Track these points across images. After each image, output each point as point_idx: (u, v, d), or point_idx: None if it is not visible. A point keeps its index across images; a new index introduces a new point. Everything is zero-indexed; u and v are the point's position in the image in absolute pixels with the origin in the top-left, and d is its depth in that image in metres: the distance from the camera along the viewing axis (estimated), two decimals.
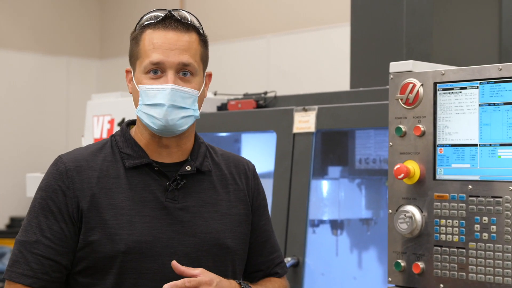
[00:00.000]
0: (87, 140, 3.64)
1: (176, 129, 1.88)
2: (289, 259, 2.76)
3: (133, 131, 1.96)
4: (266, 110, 3.06)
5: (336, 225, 3.15)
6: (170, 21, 1.90)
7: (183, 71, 1.89)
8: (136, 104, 1.91)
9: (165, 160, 1.93)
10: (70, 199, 1.84)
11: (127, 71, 1.96)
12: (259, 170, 3.35)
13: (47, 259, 1.83)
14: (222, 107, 3.32)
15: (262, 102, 3.18)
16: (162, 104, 1.86)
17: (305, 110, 2.83)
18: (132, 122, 2.00)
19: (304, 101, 3.00)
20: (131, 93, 1.95)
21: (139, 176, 1.89)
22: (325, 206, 3.13)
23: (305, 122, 2.82)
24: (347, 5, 3.15)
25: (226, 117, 3.19)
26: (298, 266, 2.77)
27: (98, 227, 1.83)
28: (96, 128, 3.61)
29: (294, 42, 5.75)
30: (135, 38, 1.92)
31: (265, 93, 3.22)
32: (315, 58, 5.54)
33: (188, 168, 1.92)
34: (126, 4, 7.34)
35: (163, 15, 1.91)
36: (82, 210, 1.83)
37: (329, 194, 3.15)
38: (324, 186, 3.14)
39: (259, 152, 3.31)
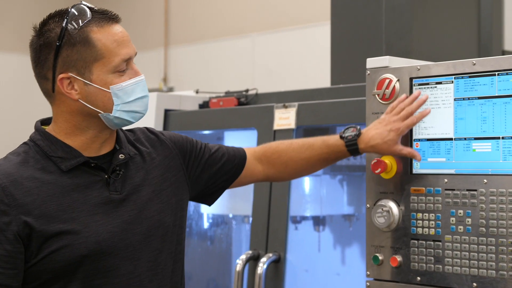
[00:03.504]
0: None
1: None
2: (270, 255, 2.78)
3: (52, 132, 1.88)
4: (247, 108, 3.07)
5: (318, 221, 3.16)
6: (106, 13, 1.86)
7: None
8: (104, 107, 1.83)
9: (95, 154, 1.89)
10: (13, 217, 1.73)
11: (66, 78, 1.82)
12: None
13: None
14: (204, 105, 3.33)
15: (244, 99, 3.20)
16: (145, 96, 1.88)
17: (285, 107, 2.85)
18: (42, 122, 1.93)
19: (285, 98, 3.01)
20: (77, 100, 1.83)
21: (78, 176, 1.83)
22: (307, 203, 3.14)
23: (285, 118, 2.84)
24: (329, 3, 3.16)
25: (207, 115, 3.20)
26: (279, 262, 2.78)
27: (53, 238, 1.76)
28: None
29: (279, 40, 5.76)
30: (82, 41, 1.80)
31: (247, 90, 3.24)
32: (299, 56, 5.55)
33: (121, 156, 1.90)
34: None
35: (89, 9, 1.84)
36: (30, 225, 1.74)
37: (311, 191, 3.17)
38: (306, 183, 3.16)
39: None
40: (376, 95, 2.21)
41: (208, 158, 2.13)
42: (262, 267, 2.75)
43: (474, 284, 2.01)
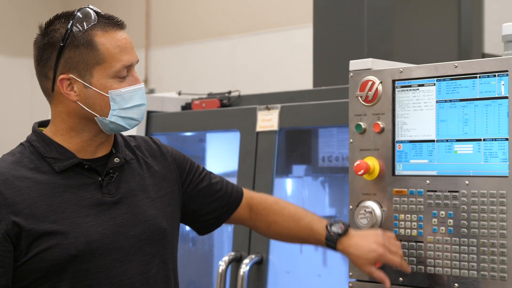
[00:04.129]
0: None
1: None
2: (253, 256, 2.79)
3: (49, 133, 1.90)
4: (230, 109, 3.08)
5: None
6: (112, 19, 1.89)
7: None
8: (101, 111, 1.85)
9: (91, 156, 1.90)
10: (3, 216, 1.75)
11: (66, 79, 1.84)
12: (223, 169, 3.39)
13: None
14: (187, 106, 3.34)
15: (226, 101, 3.20)
16: (142, 104, 1.90)
17: (268, 108, 2.86)
18: (40, 124, 1.95)
19: (267, 100, 3.03)
20: (75, 101, 1.85)
21: (70, 177, 1.85)
22: None
23: (268, 120, 2.85)
24: (310, 6, 3.18)
25: (190, 117, 3.20)
26: (262, 264, 2.79)
27: (43, 237, 1.77)
28: None
29: (260, 42, 5.77)
30: (86, 43, 1.83)
31: (229, 92, 3.24)
32: (280, 58, 5.57)
33: (116, 160, 1.92)
34: None
35: (95, 13, 1.87)
36: (19, 224, 1.76)
37: (293, 192, 3.18)
38: (288, 184, 3.17)
39: (223, 151, 3.34)
40: (359, 97, 2.23)
41: (206, 186, 2.14)
42: (244, 268, 2.76)
43: (456, 284, 2.03)
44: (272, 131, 2.84)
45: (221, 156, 3.47)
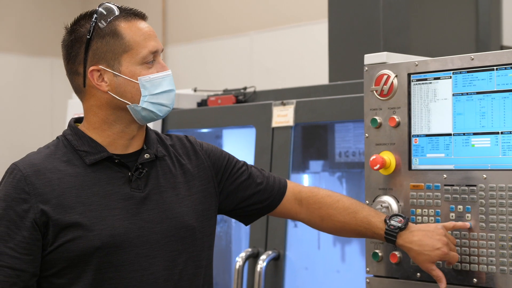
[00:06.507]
0: None
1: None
2: (270, 252, 2.78)
3: (83, 128, 1.95)
4: (245, 105, 3.06)
5: None
6: (133, 11, 1.94)
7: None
8: (132, 98, 1.89)
9: (122, 151, 1.93)
10: (33, 205, 1.81)
11: (96, 70, 1.89)
12: None
13: (13, 269, 1.80)
14: (202, 103, 3.33)
15: (242, 97, 3.19)
16: (171, 90, 1.95)
17: (283, 104, 2.84)
18: (77, 120, 2.00)
19: (283, 95, 3.01)
20: (106, 92, 1.89)
21: (100, 170, 1.89)
22: None
23: (283, 116, 2.83)
24: (326, 1, 3.16)
25: (206, 113, 3.20)
26: (279, 260, 2.78)
27: (69, 227, 1.81)
28: None
29: (277, 38, 5.76)
30: (111, 33, 1.88)
31: (245, 88, 3.23)
32: (297, 54, 5.55)
33: (146, 156, 1.94)
34: None
35: (116, 7, 1.93)
36: (47, 213, 1.81)
37: None
38: (305, 180, 3.15)
39: (239, 147, 3.32)
40: (374, 91, 2.21)
41: (245, 180, 2.12)
42: (261, 264, 2.75)
43: (475, 280, 2.00)
44: (288, 127, 2.82)
45: (237, 152, 3.45)
